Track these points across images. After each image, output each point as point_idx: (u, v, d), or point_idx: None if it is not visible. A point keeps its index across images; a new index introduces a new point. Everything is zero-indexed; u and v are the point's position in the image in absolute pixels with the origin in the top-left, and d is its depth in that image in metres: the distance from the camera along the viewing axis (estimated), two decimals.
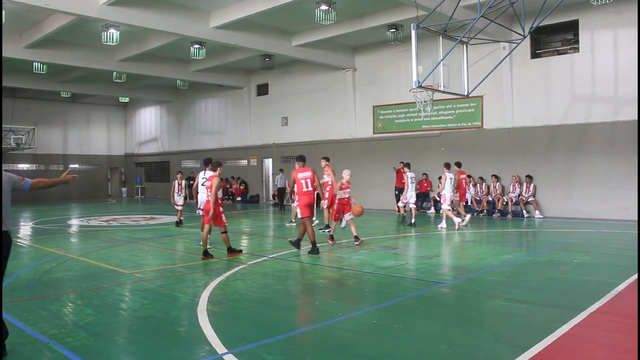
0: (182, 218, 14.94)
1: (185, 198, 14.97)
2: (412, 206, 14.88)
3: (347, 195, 10.89)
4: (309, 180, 10.04)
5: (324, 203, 11.55)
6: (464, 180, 14.68)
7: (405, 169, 15.14)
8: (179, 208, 14.81)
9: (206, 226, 9.35)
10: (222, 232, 9.44)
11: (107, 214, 20.17)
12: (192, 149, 29.84)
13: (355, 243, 10.67)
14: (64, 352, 4.50)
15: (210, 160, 10.78)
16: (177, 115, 31.38)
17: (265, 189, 26.27)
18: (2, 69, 20.98)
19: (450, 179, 13.91)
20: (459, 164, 14.70)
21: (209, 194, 9.24)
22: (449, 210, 13.61)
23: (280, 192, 21.83)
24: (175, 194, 14.78)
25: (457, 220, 13.30)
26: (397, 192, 17.71)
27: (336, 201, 10.94)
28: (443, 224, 13.73)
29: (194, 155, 29.36)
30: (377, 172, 20.10)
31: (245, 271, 8.09)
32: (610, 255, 9.35)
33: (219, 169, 9.52)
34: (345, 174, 10.91)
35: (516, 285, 6.95)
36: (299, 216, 10.07)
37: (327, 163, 12.72)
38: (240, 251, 9.73)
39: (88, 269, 8.44)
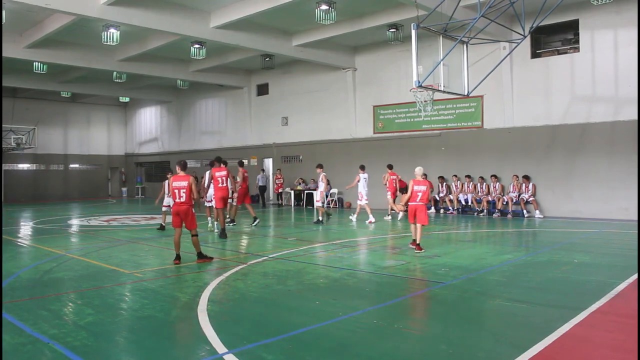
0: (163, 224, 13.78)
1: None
2: (364, 203, 15.81)
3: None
4: (224, 178, 12.51)
5: (234, 200, 14.13)
6: (394, 181, 16.22)
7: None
8: (167, 210, 13.41)
9: (177, 229, 8.75)
10: (192, 235, 8.79)
11: (107, 213, 20.17)
12: (192, 149, 29.84)
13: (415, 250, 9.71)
14: (64, 352, 4.50)
15: (219, 159, 12.99)
16: (177, 115, 31.38)
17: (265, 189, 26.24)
18: (2, 69, 20.98)
19: (364, 179, 15.83)
20: (390, 166, 16.60)
21: (181, 195, 8.60)
22: (366, 204, 15.70)
23: (261, 190, 23.56)
24: (166, 196, 13.62)
25: (354, 216, 15.92)
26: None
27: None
28: (371, 219, 15.27)
29: (194, 155, 29.35)
30: (378, 172, 20.05)
31: (245, 271, 8.09)
32: (610, 255, 9.35)
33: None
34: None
35: (516, 285, 6.96)
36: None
37: (240, 167, 15.37)
38: (212, 258, 9.00)
39: (88, 269, 8.44)
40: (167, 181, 13.76)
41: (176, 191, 8.65)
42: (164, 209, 13.90)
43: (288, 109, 24.35)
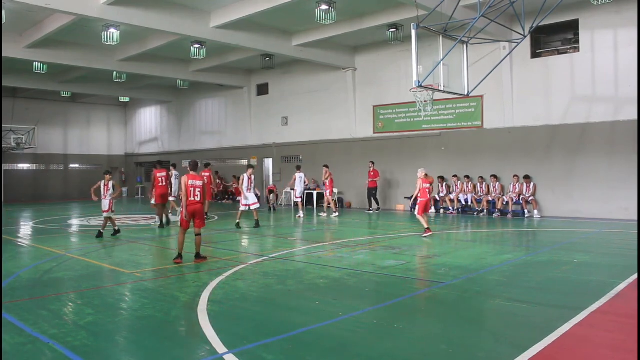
0: (102, 230, 12.31)
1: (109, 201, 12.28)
2: (298, 200, 18.03)
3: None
4: (164, 178, 14.13)
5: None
6: (332, 180, 18.14)
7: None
8: (108, 215, 12.26)
9: (181, 229, 8.85)
10: (197, 235, 8.87)
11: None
12: (192, 149, 29.84)
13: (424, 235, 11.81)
14: (64, 352, 4.50)
15: (160, 162, 14.64)
16: (177, 115, 31.38)
17: (265, 189, 26.25)
18: (2, 69, 20.98)
19: (300, 177, 17.84)
20: (327, 166, 18.15)
21: (196, 194, 8.71)
22: (300, 201, 17.93)
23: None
24: (102, 197, 12.27)
25: (300, 214, 17.45)
26: (374, 192, 19.28)
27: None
28: (301, 214, 17.36)
29: (194, 155, 29.34)
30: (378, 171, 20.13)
31: (245, 271, 8.09)
32: (610, 255, 9.35)
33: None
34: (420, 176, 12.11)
35: (516, 285, 6.96)
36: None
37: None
38: (206, 258, 8.98)
39: (88, 269, 8.44)
40: (102, 181, 12.40)
41: (191, 189, 8.73)
42: (105, 214, 12.34)
43: (288, 109, 24.35)
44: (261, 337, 4.84)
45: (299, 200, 17.99)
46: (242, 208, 14.25)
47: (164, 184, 14.17)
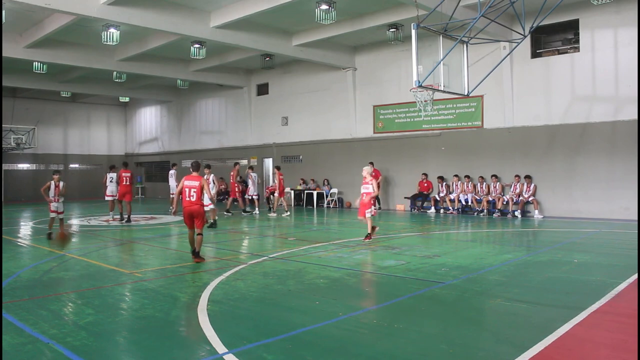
0: (51, 231, 12.27)
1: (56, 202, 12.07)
2: (255, 198, 19.24)
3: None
4: (128, 178, 16.07)
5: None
6: (282, 180, 18.76)
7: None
8: (55, 216, 12.19)
9: (190, 230, 8.94)
10: (197, 234, 8.89)
11: (107, 213, 20.13)
12: (192, 149, 29.84)
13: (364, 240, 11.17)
14: (64, 352, 4.49)
15: (126, 163, 15.86)
16: (177, 115, 31.38)
17: (265, 190, 26.25)
18: (2, 69, 20.97)
19: (255, 177, 19.26)
20: (278, 167, 19.04)
21: (192, 195, 8.86)
22: (257, 199, 19.24)
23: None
24: (52, 198, 12.03)
25: (256, 211, 18.98)
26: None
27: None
28: (256, 211, 18.98)
29: (194, 155, 29.34)
30: (379, 171, 20.12)
31: (245, 271, 8.09)
32: (610, 255, 9.35)
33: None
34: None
35: (516, 285, 6.95)
36: None
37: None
38: (203, 260, 8.93)
39: (88, 269, 8.44)
40: (52, 182, 12.08)
41: (187, 190, 8.82)
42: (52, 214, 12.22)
43: (288, 109, 24.35)
44: (261, 337, 4.84)
45: (256, 198, 19.17)
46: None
47: (128, 183, 16.05)
